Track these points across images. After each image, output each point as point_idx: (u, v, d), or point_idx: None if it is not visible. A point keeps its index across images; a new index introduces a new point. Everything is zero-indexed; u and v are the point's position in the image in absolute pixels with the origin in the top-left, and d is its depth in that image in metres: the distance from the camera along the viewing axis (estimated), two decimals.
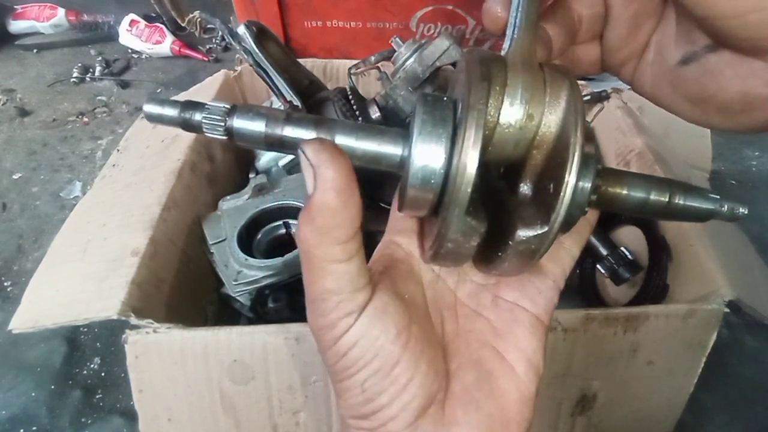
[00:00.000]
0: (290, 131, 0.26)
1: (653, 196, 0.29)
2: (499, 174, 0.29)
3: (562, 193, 0.23)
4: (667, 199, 0.29)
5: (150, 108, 0.28)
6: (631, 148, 0.76)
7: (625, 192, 0.29)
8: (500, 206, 0.27)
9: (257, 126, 0.27)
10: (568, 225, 0.27)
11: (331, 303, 0.24)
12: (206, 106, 0.28)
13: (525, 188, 0.27)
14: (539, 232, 0.24)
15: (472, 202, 0.24)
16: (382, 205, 0.67)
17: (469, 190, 0.23)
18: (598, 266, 0.69)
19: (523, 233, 0.25)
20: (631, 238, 0.70)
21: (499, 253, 0.26)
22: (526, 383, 0.28)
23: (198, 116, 0.28)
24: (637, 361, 0.54)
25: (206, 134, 0.28)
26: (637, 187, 0.29)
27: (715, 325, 0.53)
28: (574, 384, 0.54)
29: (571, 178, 0.23)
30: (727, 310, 0.52)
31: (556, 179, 0.24)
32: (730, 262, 0.58)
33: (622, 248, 0.68)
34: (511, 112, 0.25)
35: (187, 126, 0.28)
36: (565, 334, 0.51)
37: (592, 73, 0.36)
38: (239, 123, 0.27)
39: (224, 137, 0.28)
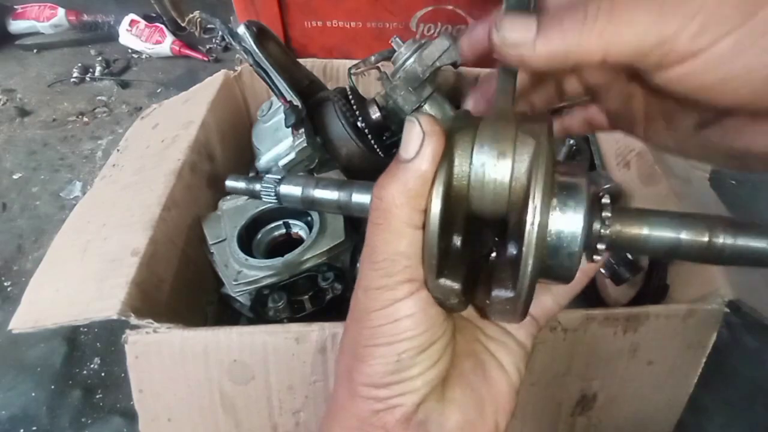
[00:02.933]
0: (320, 193, 0.34)
1: (685, 236, 0.25)
2: (498, 227, 0.29)
3: (523, 262, 0.23)
4: (707, 239, 0.24)
5: (229, 183, 0.39)
6: (631, 148, 0.76)
7: (645, 233, 0.25)
8: (495, 262, 0.29)
9: (296, 191, 0.35)
10: (561, 276, 0.26)
11: (400, 266, 0.26)
12: (264, 178, 0.36)
13: (511, 247, 0.27)
14: (509, 295, 0.25)
15: (447, 263, 0.26)
16: None
17: (434, 260, 0.25)
18: None
19: (496, 294, 0.26)
20: None
21: (487, 307, 0.28)
22: (513, 379, 0.31)
23: (258, 186, 0.37)
24: (637, 361, 0.54)
25: (264, 199, 0.37)
26: (662, 226, 0.25)
27: (715, 325, 0.53)
28: (574, 384, 0.54)
29: (530, 247, 0.23)
30: (727, 310, 0.52)
31: (522, 241, 0.23)
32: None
33: None
34: (479, 170, 0.25)
35: (253, 195, 0.38)
36: (565, 334, 0.51)
37: (605, 131, 0.37)
38: (284, 189, 0.35)
39: (276, 201, 0.36)
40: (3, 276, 0.95)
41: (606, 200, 0.26)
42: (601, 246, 0.26)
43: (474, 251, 0.30)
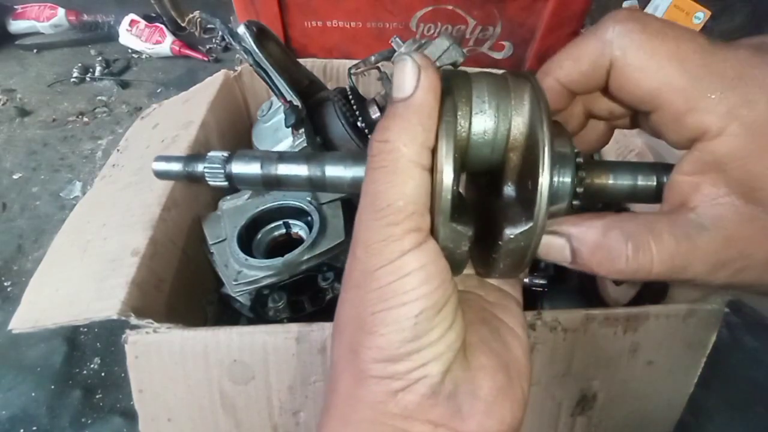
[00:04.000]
0: (284, 168, 0.29)
1: (641, 182, 0.29)
2: (487, 180, 0.30)
3: (539, 187, 0.24)
4: (655, 183, 0.29)
5: (157, 165, 0.30)
6: (631, 148, 0.76)
7: (611, 181, 0.29)
8: (490, 211, 0.28)
9: (254, 169, 0.29)
10: (554, 218, 0.28)
11: (406, 212, 0.23)
12: (207, 157, 0.29)
13: (508, 189, 0.28)
14: (525, 228, 0.25)
15: (456, 208, 0.25)
16: None
17: (449, 197, 0.24)
18: None
19: (509, 231, 0.25)
20: None
21: (494, 255, 0.27)
22: (524, 341, 0.29)
23: (200, 167, 0.29)
24: (637, 361, 0.54)
25: (210, 183, 0.30)
26: (624, 175, 0.29)
27: (715, 325, 0.53)
28: (574, 384, 0.54)
29: (545, 171, 0.24)
30: (727, 310, 0.52)
31: (533, 176, 0.25)
32: None
33: None
34: (480, 120, 0.26)
35: (192, 178, 0.30)
36: (565, 334, 0.51)
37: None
38: (237, 168, 0.29)
39: (226, 184, 0.29)
40: (3, 276, 0.95)
41: (577, 149, 0.29)
42: (579, 190, 0.28)
43: (466, 203, 0.30)
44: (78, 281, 0.53)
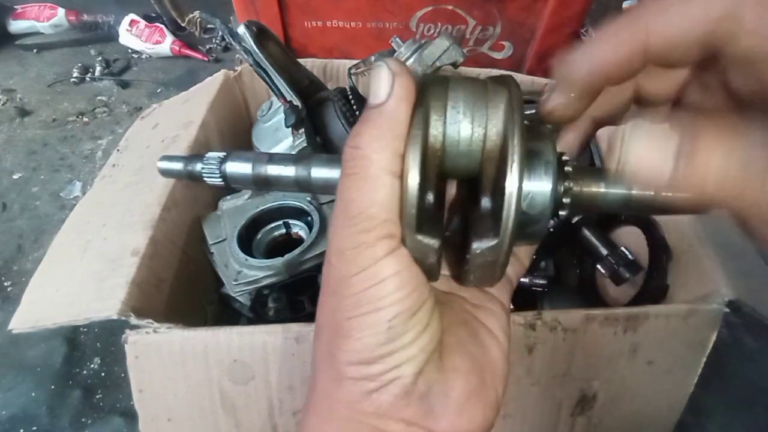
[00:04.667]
0: (273, 169, 0.30)
1: (637, 191, 0.27)
2: (467, 188, 0.30)
3: (505, 200, 0.23)
4: (653, 192, 0.27)
5: (162, 164, 0.32)
6: None
7: (603, 190, 0.27)
8: (469, 220, 0.28)
9: (245, 168, 0.30)
10: (533, 235, 0.27)
11: (378, 219, 0.24)
12: (205, 157, 0.31)
13: (485, 202, 0.27)
14: (491, 243, 0.25)
15: (425, 220, 0.25)
16: None
17: (413, 211, 0.24)
18: (598, 266, 0.69)
19: (476, 245, 0.25)
20: (631, 238, 0.70)
21: (466, 267, 0.27)
22: (503, 344, 0.29)
23: (198, 166, 0.31)
24: (637, 361, 0.54)
25: (207, 181, 0.31)
26: (617, 183, 0.27)
27: (715, 325, 0.53)
28: (574, 384, 0.54)
29: (510, 185, 0.23)
30: (727, 310, 0.52)
31: (502, 189, 0.24)
32: (730, 262, 0.58)
33: (622, 248, 0.68)
34: (454, 129, 0.25)
35: (192, 177, 0.32)
36: (565, 334, 0.51)
37: None
38: (231, 167, 0.30)
39: (221, 182, 0.31)
40: (3, 276, 0.95)
41: (566, 157, 0.27)
42: (566, 200, 0.27)
43: (443, 212, 0.29)
44: (78, 281, 0.53)
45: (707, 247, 0.58)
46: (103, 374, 0.80)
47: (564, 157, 0.27)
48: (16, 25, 1.65)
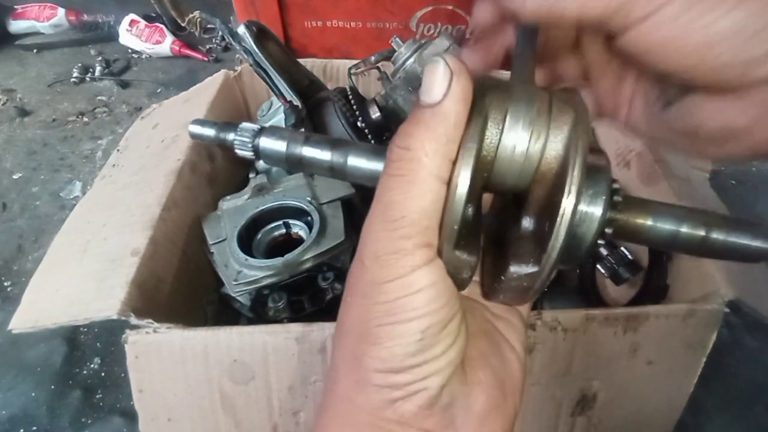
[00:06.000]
0: (308, 151, 0.29)
1: (685, 229, 0.26)
2: (510, 203, 0.28)
3: (553, 237, 0.22)
4: (703, 233, 0.25)
5: (193, 128, 0.32)
6: (631, 148, 0.76)
7: (650, 223, 0.26)
8: (506, 236, 0.27)
9: (280, 146, 0.30)
10: (571, 260, 0.25)
11: (420, 226, 0.23)
12: (239, 127, 0.31)
13: (526, 222, 0.26)
14: (530, 271, 0.24)
15: (464, 236, 0.24)
16: None
17: (456, 227, 0.23)
18: (598, 266, 0.69)
19: (514, 270, 0.24)
20: None
21: (496, 285, 0.26)
22: (521, 356, 0.29)
23: (231, 136, 0.31)
24: (637, 361, 0.54)
25: (237, 152, 0.31)
26: (666, 218, 0.26)
27: (715, 325, 0.53)
28: (574, 384, 0.54)
29: (561, 228, 0.22)
30: (727, 310, 0.52)
31: (551, 219, 0.22)
32: (730, 263, 0.58)
33: (622, 248, 0.68)
34: (511, 140, 0.24)
35: (223, 144, 0.32)
36: (565, 334, 0.51)
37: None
38: (265, 143, 0.30)
39: (252, 155, 0.31)
40: (3, 276, 0.95)
41: (617, 186, 0.26)
42: (608, 231, 0.25)
43: (480, 227, 0.28)
44: (78, 281, 0.53)
45: None
46: (103, 374, 0.80)
47: (615, 185, 0.26)
48: (16, 25, 1.65)
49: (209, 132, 0.32)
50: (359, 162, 0.28)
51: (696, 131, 0.28)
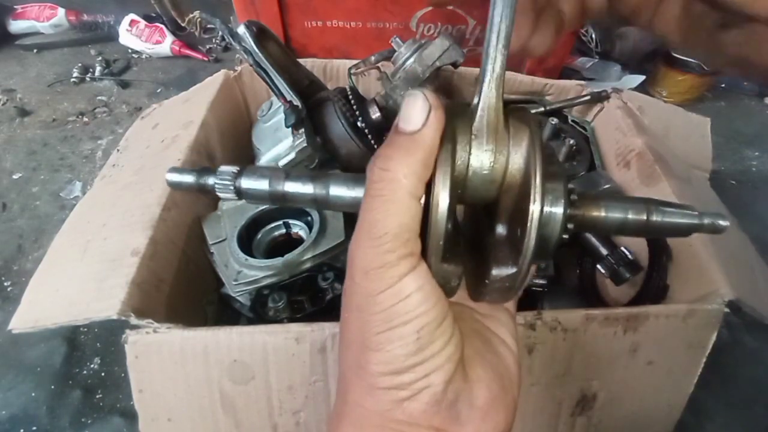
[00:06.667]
0: (291, 186, 0.31)
1: (631, 216, 0.30)
2: (480, 210, 0.32)
3: (526, 240, 0.25)
4: (645, 218, 0.30)
5: (170, 176, 0.32)
6: (631, 148, 0.76)
7: (603, 215, 0.30)
8: (483, 242, 0.30)
9: (262, 185, 0.31)
10: (543, 256, 0.28)
11: (401, 239, 0.25)
12: (218, 171, 0.31)
13: (500, 229, 0.29)
14: (510, 272, 0.27)
15: (448, 250, 0.26)
16: None
17: (441, 242, 0.25)
18: (598, 266, 0.69)
19: (496, 272, 0.27)
20: (631, 239, 0.70)
21: (481, 288, 0.29)
22: (514, 350, 0.31)
23: (211, 180, 0.31)
24: (637, 361, 0.54)
25: (219, 195, 0.32)
26: (615, 209, 0.30)
27: (715, 325, 0.53)
28: (574, 384, 0.54)
29: (532, 231, 0.25)
30: (727, 310, 0.52)
31: (522, 222, 0.25)
32: (730, 262, 0.58)
33: (622, 248, 0.68)
34: (478, 160, 0.27)
35: (203, 190, 0.32)
36: (565, 334, 0.51)
37: (598, 19, 0.35)
38: (246, 183, 0.31)
39: (235, 197, 0.31)
40: (3, 276, 0.95)
41: (572, 186, 0.30)
42: (570, 226, 0.28)
43: (459, 237, 0.31)
44: (78, 281, 0.53)
45: (707, 247, 0.58)
46: (103, 374, 0.80)
47: (570, 186, 0.29)
48: (16, 25, 1.65)
49: (188, 179, 0.32)
50: (340, 191, 0.30)
51: (752, 62, 0.28)
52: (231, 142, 0.82)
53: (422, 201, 0.26)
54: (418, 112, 0.26)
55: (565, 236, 0.28)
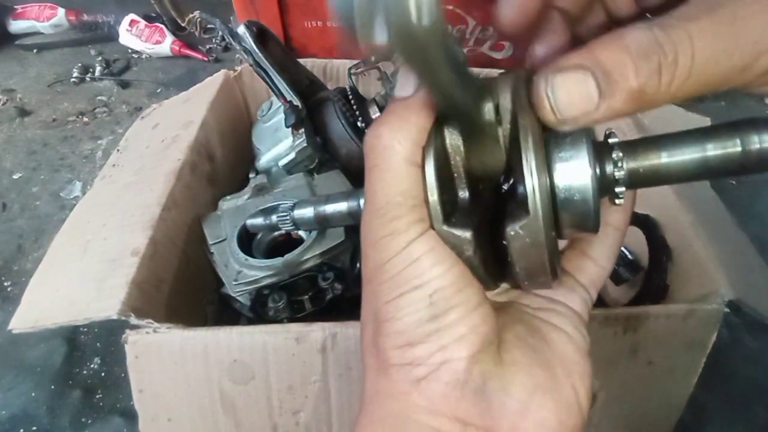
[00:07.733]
0: (329, 208, 0.36)
1: (713, 150, 0.22)
2: (495, 186, 0.29)
3: (524, 167, 0.22)
4: (740, 148, 0.22)
5: (250, 222, 0.44)
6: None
7: (665, 160, 0.23)
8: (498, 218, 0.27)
9: (309, 212, 0.37)
10: (584, 219, 0.24)
11: (407, 206, 0.23)
12: (279, 208, 0.40)
13: (506, 186, 0.27)
14: (524, 221, 0.23)
15: (452, 213, 0.25)
16: None
17: (435, 198, 0.24)
18: None
19: (510, 228, 0.23)
20: (631, 238, 0.70)
21: (508, 259, 0.25)
22: (577, 340, 0.27)
23: (274, 218, 0.40)
24: (637, 361, 0.54)
25: (283, 228, 0.40)
26: (682, 148, 0.23)
27: (715, 325, 0.53)
28: None
29: (529, 149, 0.22)
30: (727, 310, 0.52)
31: (521, 166, 0.23)
32: (730, 262, 0.58)
33: (623, 248, 0.68)
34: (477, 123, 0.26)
35: (273, 228, 0.41)
36: None
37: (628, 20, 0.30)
38: (298, 214, 0.38)
39: (293, 227, 0.39)
40: (3, 276, 0.95)
41: (614, 139, 0.25)
42: (619, 189, 0.24)
43: (484, 213, 0.28)
44: (78, 281, 0.53)
45: (707, 247, 0.58)
46: (103, 374, 0.80)
47: (611, 138, 0.25)
48: (16, 25, 1.65)
49: (260, 222, 0.42)
50: None
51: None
52: (231, 142, 0.82)
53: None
54: (411, 77, 0.24)
55: (619, 200, 0.24)
